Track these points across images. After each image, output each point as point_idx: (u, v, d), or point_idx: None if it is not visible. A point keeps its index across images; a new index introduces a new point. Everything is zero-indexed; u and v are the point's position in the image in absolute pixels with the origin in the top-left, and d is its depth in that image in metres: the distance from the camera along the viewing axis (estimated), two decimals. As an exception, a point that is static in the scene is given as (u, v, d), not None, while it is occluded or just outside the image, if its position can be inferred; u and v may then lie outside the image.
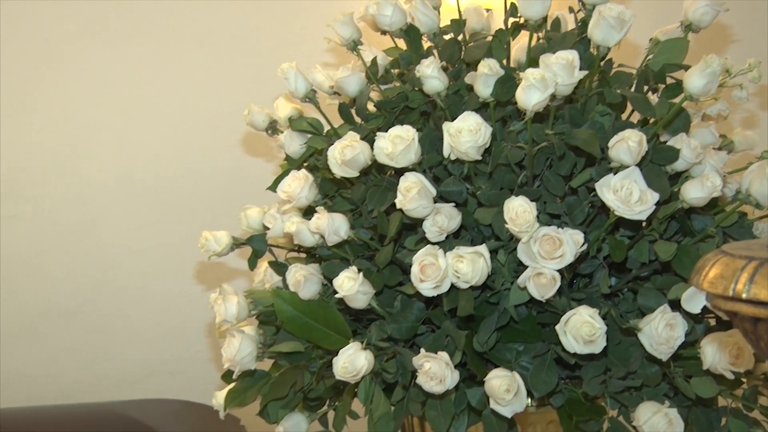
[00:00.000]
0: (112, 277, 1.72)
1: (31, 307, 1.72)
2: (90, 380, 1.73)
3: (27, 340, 1.72)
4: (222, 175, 1.71)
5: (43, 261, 1.72)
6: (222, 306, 1.08)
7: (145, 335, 1.74)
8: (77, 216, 1.72)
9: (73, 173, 1.71)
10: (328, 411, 1.14)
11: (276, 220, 1.11)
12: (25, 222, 1.71)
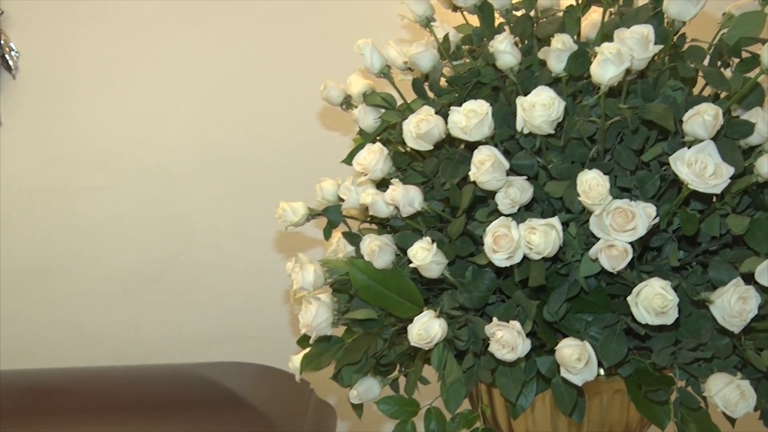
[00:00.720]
0: (192, 245, 1.74)
1: (117, 272, 1.75)
2: (171, 342, 1.76)
3: (113, 304, 1.75)
4: (296, 149, 1.71)
5: (126, 229, 1.74)
6: (299, 274, 1.08)
7: (222, 301, 1.76)
8: (158, 187, 1.73)
9: (155, 146, 1.72)
10: (398, 376, 1.13)
11: (351, 192, 1.10)
12: (110, 192, 1.73)
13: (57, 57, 1.69)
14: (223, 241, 1.74)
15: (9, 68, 1.67)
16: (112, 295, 1.75)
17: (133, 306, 1.76)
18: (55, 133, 1.71)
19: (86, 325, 1.75)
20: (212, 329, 1.76)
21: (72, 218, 1.73)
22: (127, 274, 1.75)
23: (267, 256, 1.74)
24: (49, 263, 1.74)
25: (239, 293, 1.75)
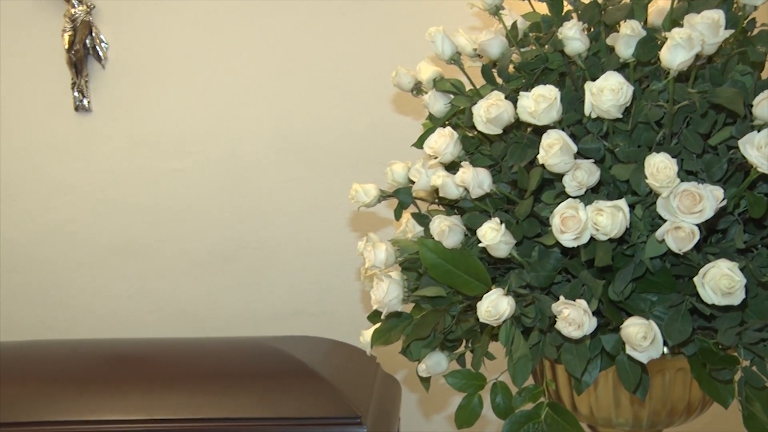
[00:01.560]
0: (264, 225, 1.75)
1: (194, 250, 1.77)
2: (244, 316, 1.78)
3: (191, 280, 1.78)
4: (365, 134, 1.71)
5: (203, 210, 1.76)
6: (371, 252, 1.07)
7: (293, 278, 1.77)
8: (234, 170, 1.75)
9: (230, 131, 1.74)
10: (465, 352, 1.12)
11: (421, 174, 1.09)
12: (188, 175, 1.75)
13: (143, 49, 1.71)
14: (295, 222, 1.75)
15: (99, 59, 1.70)
16: (191, 271, 1.77)
17: (210, 282, 1.77)
18: (141, 119, 1.73)
19: (167, 299, 1.78)
20: (284, 305, 1.77)
21: (155, 200, 1.76)
22: (205, 253, 1.77)
23: (336, 236, 1.74)
24: (134, 241, 1.77)
25: (309, 271, 1.76)
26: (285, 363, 1.45)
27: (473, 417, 1.04)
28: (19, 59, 1.72)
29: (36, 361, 1.49)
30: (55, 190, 1.75)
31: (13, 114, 1.74)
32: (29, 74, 1.72)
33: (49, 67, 1.71)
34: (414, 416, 1.77)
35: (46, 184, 1.75)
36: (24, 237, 1.76)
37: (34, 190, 1.75)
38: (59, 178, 1.75)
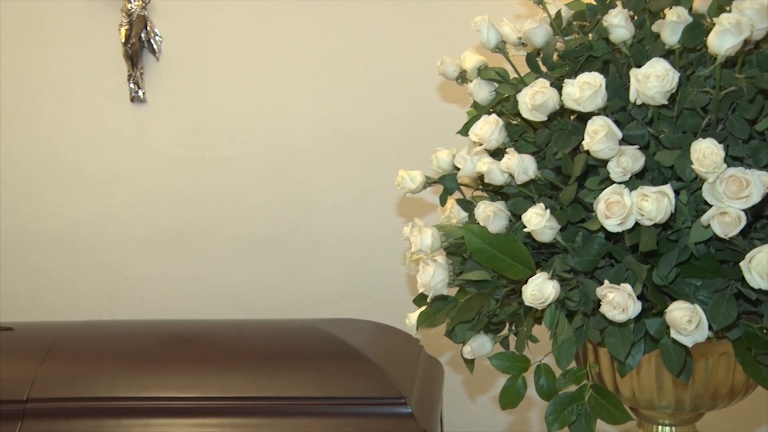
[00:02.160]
0: (311, 211, 1.75)
1: (245, 235, 1.77)
2: (292, 299, 1.78)
3: (241, 264, 1.78)
4: (409, 122, 1.69)
5: (253, 197, 1.76)
6: (418, 237, 1.06)
7: (339, 263, 1.76)
8: (282, 158, 1.75)
9: (279, 120, 1.74)
10: (508, 334, 1.10)
11: (466, 161, 1.08)
12: (240, 163, 1.76)
13: (195, 41, 1.71)
14: (341, 208, 1.74)
15: (154, 51, 1.71)
16: (241, 256, 1.78)
17: (260, 266, 1.78)
18: (192, 109, 1.74)
19: (219, 283, 1.79)
20: (330, 289, 1.77)
21: (206, 187, 1.76)
22: (254, 237, 1.77)
23: (380, 221, 1.73)
24: (187, 227, 1.78)
25: (355, 256, 1.75)
26: (332, 344, 1.45)
27: (517, 398, 1.02)
28: (79, 53, 1.74)
29: (97, 340, 1.51)
30: (114, 177, 1.77)
31: (74, 105, 1.76)
32: (88, 67, 1.74)
33: (107, 59, 1.73)
34: (459, 397, 1.76)
35: (105, 172, 1.77)
36: (85, 222, 1.79)
37: (94, 177, 1.77)
38: (117, 166, 1.77)
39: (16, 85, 1.76)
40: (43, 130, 1.77)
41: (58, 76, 1.75)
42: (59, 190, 1.78)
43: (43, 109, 1.76)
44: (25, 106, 1.76)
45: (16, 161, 1.78)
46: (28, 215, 1.79)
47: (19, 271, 1.81)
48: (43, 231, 1.79)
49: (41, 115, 1.77)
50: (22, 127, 1.77)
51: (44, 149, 1.78)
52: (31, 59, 1.75)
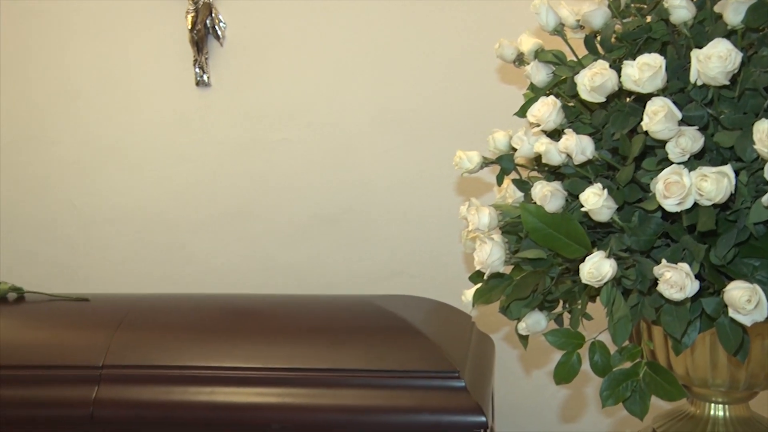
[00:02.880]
0: (366, 190, 1.75)
1: (303, 214, 1.78)
2: (347, 276, 1.78)
3: (299, 242, 1.79)
4: (461, 105, 1.68)
5: (310, 177, 1.77)
6: (475, 216, 1.04)
7: (393, 241, 1.76)
8: (339, 139, 1.74)
9: (336, 103, 1.73)
10: (563, 312, 1.09)
11: (523, 142, 1.06)
12: (298, 145, 1.76)
13: (257, 28, 1.72)
14: (395, 188, 1.73)
15: (218, 37, 1.71)
16: (298, 234, 1.79)
17: (317, 243, 1.78)
18: (254, 93, 1.75)
19: (278, 259, 1.80)
20: (384, 266, 1.77)
21: (266, 167, 1.77)
22: (312, 216, 1.78)
23: (433, 201, 1.72)
24: (248, 206, 1.79)
25: (408, 235, 1.75)
26: (387, 319, 1.44)
27: (572, 374, 1.00)
28: (148, 40, 1.75)
29: (165, 311, 1.53)
30: (179, 158, 1.79)
31: (143, 89, 1.78)
32: (157, 53, 1.76)
33: (174, 46, 1.74)
34: (514, 372, 1.75)
35: (171, 153, 1.79)
36: (152, 200, 1.81)
37: (161, 158, 1.79)
38: (182, 147, 1.78)
39: (89, 71, 1.79)
40: (114, 113, 1.80)
41: (128, 62, 1.77)
42: (128, 170, 1.81)
43: (114, 93, 1.79)
44: (97, 91, 1.79)
45: (89, 143, 1.81)
46: (101, 194, 1.82)
47: (92, 247, 1.84)
48: (113, 209, 1.82)
49: (112, 100, 1.79)
50: (94, 111, 1.80)
51: (115, 132, 1.80)
52: (104, 47, 1.77)
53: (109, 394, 1.36)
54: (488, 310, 1.43)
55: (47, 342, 1.44)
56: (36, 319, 1.51)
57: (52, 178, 1.83)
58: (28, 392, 1.37)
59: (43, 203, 1.84)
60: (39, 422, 1.36)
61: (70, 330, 1.48)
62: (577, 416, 1.73)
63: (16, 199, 1.84)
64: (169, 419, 1.35)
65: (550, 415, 1.74)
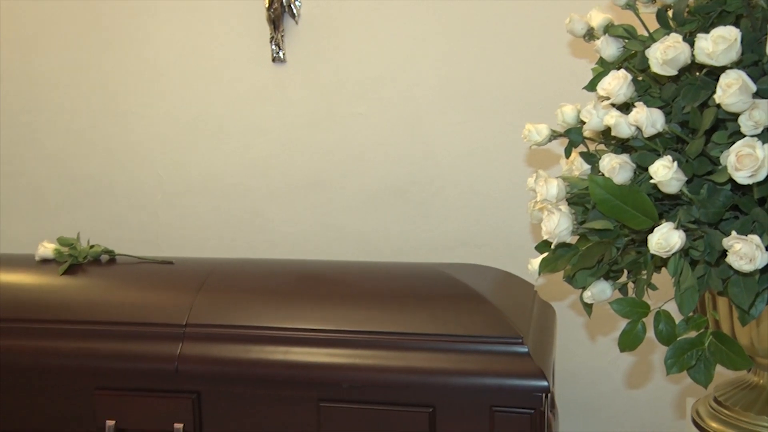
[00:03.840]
0: (435, 163, 1.74)
1: (372, 185, 1.78)
2: (414, 245, 1.78)
3: (368, 211, 1.79)
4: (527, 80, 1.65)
5: (380, 149, 1.76)
6: (543, 187, 1.03)
7: (459, 212, 1.75)
8: (407, 113, 1.74)
9: (406, 78, 1.72)
10: (627, 282, 1.07)
11: (592, 115, 1.03)
12: (367, 118, 1.76)
13: (330, 6, 1.71)
14: (463, 161, 1.72)
15: (293, 15, 1.72)
16: (368, 204, 1.79)
17: (385, 213, 1.79)
18: (327, 69, 1.75)
19: (348, 228, 1.81)
20: (450, 236, 1.76)
21: (338, 140, 1.78)
22: (381, 187, 1.78)
23: (499, 174, 1.70)
24: (320, 177, 1.80)
25: (474, 206, 1.73)
26: (453, 286, 1.44)
27: (636, 342, 0.99)
28: (227, 18, 1.77)
29: (243, 275, 1.56)
30: (256, 131, 1.81)
31: (222, 66, 1.80)
32: (236, 31, 1.77)
33: (252, 24, 1.75)
34: (578, 338, 1.73)
35: (248, 126, 1.81)
36: (230, 170, 1.84)
37: (239, 131, 1.82)
38: (259, 121, 1.80)
39: (173, 50, 1.82)
40: (195, 89, 1.82)
41: (209, 40, 1.79)
42: (208, 142, 1.84)
43: (196, 70, 1.81)
44: (180, 68, 1.82)
45: (173, 117, 1.84)
46: (183, 165, 1.86)
47: (176, 214, 1.88)
48: (195, 179, 1.86)
49: (194, 76, 1.82)
50: (177, 87, 1.83)
51: (196, 106, 1.83)
52: (186, 27, 1.80)
53: (192, 351, 1.39)
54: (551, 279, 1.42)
55: (136, 301, 1.49)
56: (126, 279, 1.56)
57: (139, 150, 1.87)
58: (120, 346, 1.42)
59: (132, 173, 1.88)
60: (131, 374, 1.40)
61: (157, 290, 1.52)
62: (643, 382, 1.70)
63: (108, 169, 1.89)
64: (246, 375, 1.38)
65: (616, 381, 1.72)
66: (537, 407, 1.26)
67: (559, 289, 1.66)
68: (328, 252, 1.80)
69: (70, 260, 1.58)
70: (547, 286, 1.66)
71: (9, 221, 1.96)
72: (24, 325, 1.46)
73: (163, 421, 1.39)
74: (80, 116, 1.89)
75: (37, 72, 1.89)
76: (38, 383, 1.44)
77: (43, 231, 1.85)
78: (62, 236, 1.63)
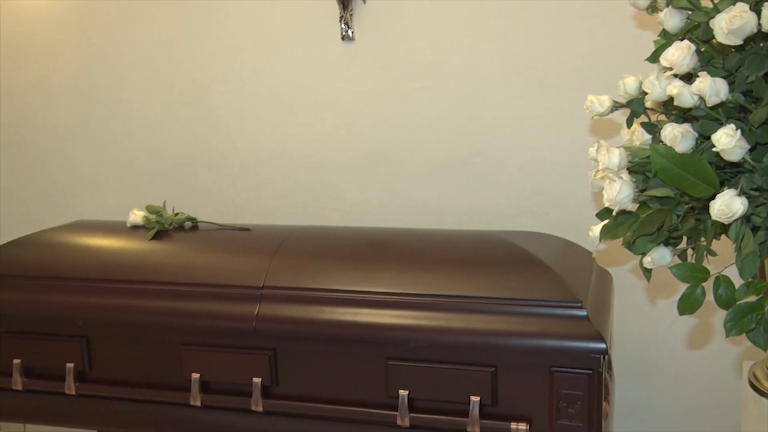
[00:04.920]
0: (496, 135, 1.73)
1: (436, 156, 1.79)
2: (476, 214, 1.79)
3: (432, 181, 1.80)
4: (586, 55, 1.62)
5: (443, 122, 1.77)
6: (605, 156, 1.02)
7: (520, 183, 1.74)
8: (468, 88, 1.73)
9: (469, 53, 1.71)
10: (687, 248, 1.05)
11: (654, 86, 1.02)
12: (431, 93, 1.76)
13: (397, -17, 1.72)
14: (523, 133, 1.71)
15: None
16: (432, 174, 1.80)
17: (448, 184, 1.79)
18: (393, 46, 1.75)
19: (413, 197, 1.82)
20: (511, 205, 1.75)
21: (403, 114, 1.78)
22: (444, 158, 1.78)
23: (558, 145, 1.68)
24: (386, 149, 1.81)
25: (534, 176, 1.72)
26: (515, 253, 1.43)
27: (695, 305, 0.98)
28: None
29: (314, 241, 1.58)
30: (326, 106, 1.83)
31: (294, 44, 1.82)
32: (307, 11, 1.79)
33: (322, 4, 1.76)
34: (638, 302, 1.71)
35: (319, 101, 1.83)
36: (302, 143, 1.87)
37: (309, 105, 1.84)
38: (329, 96, 1.82)
39: (248, 30, 1.84)
40: (268, 66, 1.85)
41: (282, 20, 1.81)
42: (281, 116, 1.87)
43: (270, 49, 1.84)
44: (255, 47, 1.85)
45: (247, 92, 1.88)
46: (258, 138, 1.89)
47: (252, 184, 1.93)
48: (269, 151, 1.89)
49: (268, 55, 1.84)
50: (250, 64, 1.86)
51: (270, 82, 1.86)
52: (261, 7, 1.82)
53: (269, 311, 1.42)
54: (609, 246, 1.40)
55: (217, 265, 1.53)
56: (207, 244, 1.61)
57: (218, 125, 1.92)
58: (203, 306, 1.46)
59: (211, 146, 1.93)
60: (213, 332, 1.45)
61: (236, 255, 1.55)
62: (702, 345, 1.68)
63: (190, 142, 1.94)
64: (319, 335, 1.40)
65: (673, 343, 1.70)
66: (595, 368, 1.25)
67: (617, 255, 1.65)
68: (395, 221, 1.82)
69: (157, 227, 1.62)
70: (604, 253, 1.65)
71: (102, 191, 2.04)
72: (117, 285, 1.51)
73: (243, 375, 1.43)
74: (164, 94, 1.94)
75: (125, 54, 1.95)
76: (131, 338, 1.50)
77: (132, 200, 1.91)
78: (150, 204, 1.68)
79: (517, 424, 1.29)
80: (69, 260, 1.58)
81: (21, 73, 2.03)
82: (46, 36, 1.98)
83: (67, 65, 1.99)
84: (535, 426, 1.29)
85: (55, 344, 1.52)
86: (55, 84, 2.01)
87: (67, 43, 1.97)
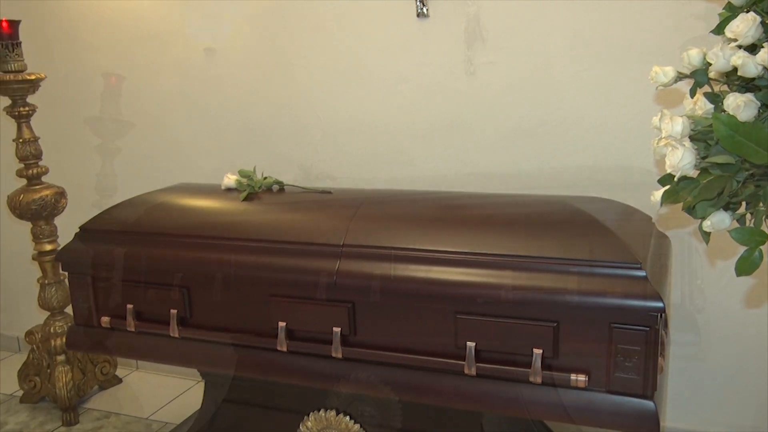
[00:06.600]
0: (560, 107, 1.72)
1: (505, 126, 1.79)
2: (541, 180, 1.79)
3: (500, 150, 1.81)
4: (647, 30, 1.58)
5: (512, 94, 1.76)
6: (669, 124, 1.02)
7: (583, 152, 1.73)
8: (535, 61, 1.72)
9: (534, 29, 1.70)
10: (746, 213, 1.04)
11: (718, 57, 1.00)
12: (499, 66, 1.75)
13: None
14: (586, 104, 1.69)
15: (435, -28, 1.72)
16: (500, 143, 1.80)
17: (516, 152, 1.79)
18: (464, 22, 1.75)
19: (482, 164, 1.83)
20: (576, 172, 1.74)
21: (473, 86, 1.79)
22: (512, 128, 1.78)
23: (621, 114, 1.66)
24: (457, 119, 1.83)
25: (598, 145, 1.71)
26: (578, 216, 1.43)
27: (752, 267, 0.97)
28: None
29: (390, 204, 1.60)
30: (400, 78, 1.85)
31: (372, 21, 1.84)
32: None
33: (399, -17, 1.78)
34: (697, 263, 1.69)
35: (394, 74, 1.85)
36: (379, 114, 1.89)
37: (386, 78, 1.86)
38: (403, 69, 1.84)
39: (328, 9, 1.87)
40: (347, 42, 1.88)
41: None
42: (359, 88, 1.90)
43: (347, 26, 1.86)
44: (335, 24, 1.87)
45: (330, 67, 1.91)
46: (338, 109, 1.93)
47: (333, 151, 1.97)
48: (348, 121, 1.93)
49: (345, 32, 1.87)
50: (333, 41, 1.89)
51: (348, 57, 1.89)
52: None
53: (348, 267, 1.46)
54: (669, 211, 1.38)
55: (302, 224, 1.57)
56: (293, 205, 1.66)
57: (301, 96, 1.96)
58: (289, 261, 1.51)
59: (296, 116, 1.98)
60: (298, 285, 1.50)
61: (318, 215, 1.60)
62: (762, 302, 1.65)
63: (277, 113, 2.00)
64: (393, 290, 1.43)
65: (732, 303, 1.67)
66: (652, 325, 1.25)
67: (677, 219, 1.63)
68: (464, 187, 1.83)
69: (248, 189, 1.69)
70: (665, 217, 1.63)
71: (199, 157, 2.13)
72: (214, 241, 1.58)
73: (324, 325, 1.47)
74: (253, 69, 2.00)
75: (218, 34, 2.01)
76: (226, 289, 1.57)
77: (226, 165, 1.98)
78: (242, 168, 1.74)
79: (576, 375, 1.30)
80: (171, 218, 1.66)
81: (132, 56, 2.12)
82: (151, 21, 2.07)
83: (172, 46, 2.07)
84: (594, 378, 1.30)
85: (160, 293, 1.61)
86: (159, 64, 2.09)
87: (170, 29, 2.05)
